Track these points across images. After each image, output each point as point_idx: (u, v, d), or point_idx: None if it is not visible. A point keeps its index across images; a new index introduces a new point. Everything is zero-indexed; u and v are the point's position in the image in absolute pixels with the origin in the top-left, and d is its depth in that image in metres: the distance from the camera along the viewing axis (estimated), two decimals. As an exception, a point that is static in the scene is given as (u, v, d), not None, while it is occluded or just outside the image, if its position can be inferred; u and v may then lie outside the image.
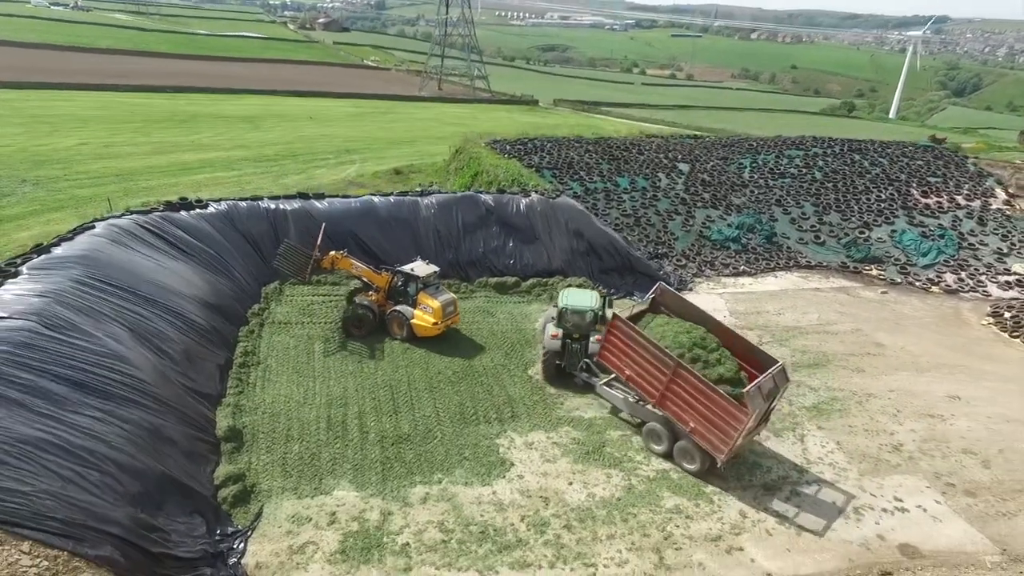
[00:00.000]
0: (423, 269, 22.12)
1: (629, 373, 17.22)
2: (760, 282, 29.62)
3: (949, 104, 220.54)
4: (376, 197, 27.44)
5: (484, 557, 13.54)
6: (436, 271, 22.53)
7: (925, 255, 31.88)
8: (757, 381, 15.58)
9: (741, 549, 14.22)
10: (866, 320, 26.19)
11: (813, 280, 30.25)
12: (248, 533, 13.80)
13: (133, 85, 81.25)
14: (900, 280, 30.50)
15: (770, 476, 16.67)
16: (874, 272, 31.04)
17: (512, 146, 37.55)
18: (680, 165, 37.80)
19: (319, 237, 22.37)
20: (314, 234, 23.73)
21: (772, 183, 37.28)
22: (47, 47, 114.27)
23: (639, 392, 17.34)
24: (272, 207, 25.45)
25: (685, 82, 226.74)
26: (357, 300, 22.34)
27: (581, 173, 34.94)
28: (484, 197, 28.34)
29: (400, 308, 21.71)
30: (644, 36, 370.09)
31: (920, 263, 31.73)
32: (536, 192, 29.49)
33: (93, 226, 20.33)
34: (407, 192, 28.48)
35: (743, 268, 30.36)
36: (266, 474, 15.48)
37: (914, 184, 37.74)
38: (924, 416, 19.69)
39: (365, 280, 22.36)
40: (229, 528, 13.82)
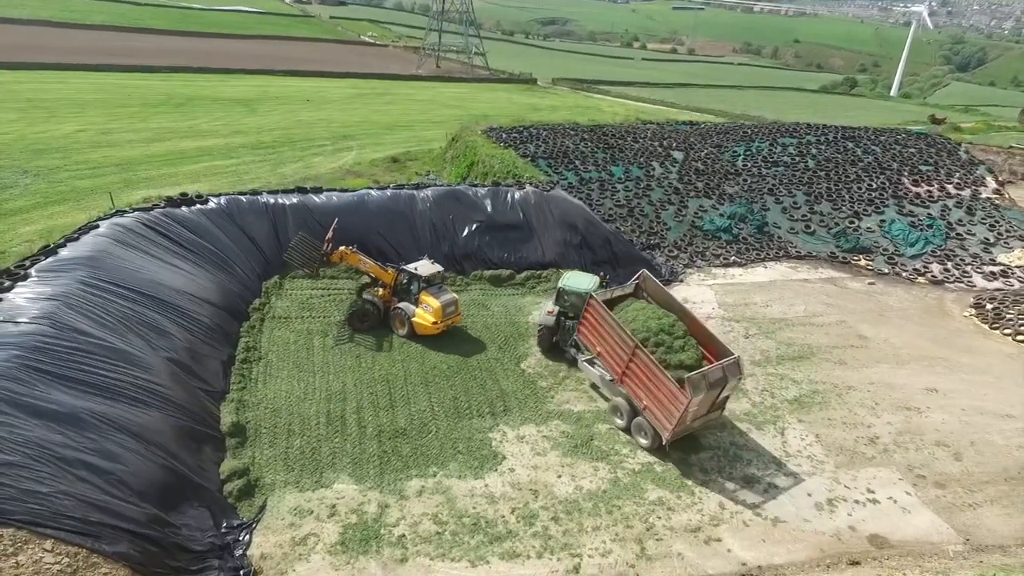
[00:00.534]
0: (427, 268, 22.58)
1: (599, 350, 18.90)
2: (750, 273, 30.20)
3: (953, 79, 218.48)
4: (373, 191, 27.91)
5: (476, 548, 14.36)
6: (440, 271, 23.01)
7: (913, 245, 32.43)
8: (702, 369, 16.80)
9: (719, 540, 15.04)
10: (851, 312, 26.85)
11: (802, 271, 30.85)
12: (253, 526, 14.55)
13: (129, 65, 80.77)
14: (887, 270, 31.09)
15: (750, 469, 17.47)
16: (862, 262, 31.61)
17: (508, 134, 37.81)
18: (675, 153, 38.11)
19: (329, 231, 22.85)
20: (312, 227, 24.45)
21: (765, 171, 37.65)
22: (40, 23, 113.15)
23: (608, 368, 18.78)
24: (271, 202, 25.93)
25: (686, 57, 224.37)
26: (365, 295, 22.97)
27: (576, 162, 35.29)
28: (479, 190, 28.78)
29: (402, 305, 22.28)
30: (645, 8, 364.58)
31: (908, 253, 32.28)
32: (530, 184, 29.93)
33: (97, 225, 20.83)
34: (403, 185, 28.88)
35: (733, 259, 30.92)
36: (269, 468, 16.21)
37: (906, 172, 38.11)
38: (901, 409, 20.46)
39: (372, 276, 22.92)
40: (235, 521, 14.56)
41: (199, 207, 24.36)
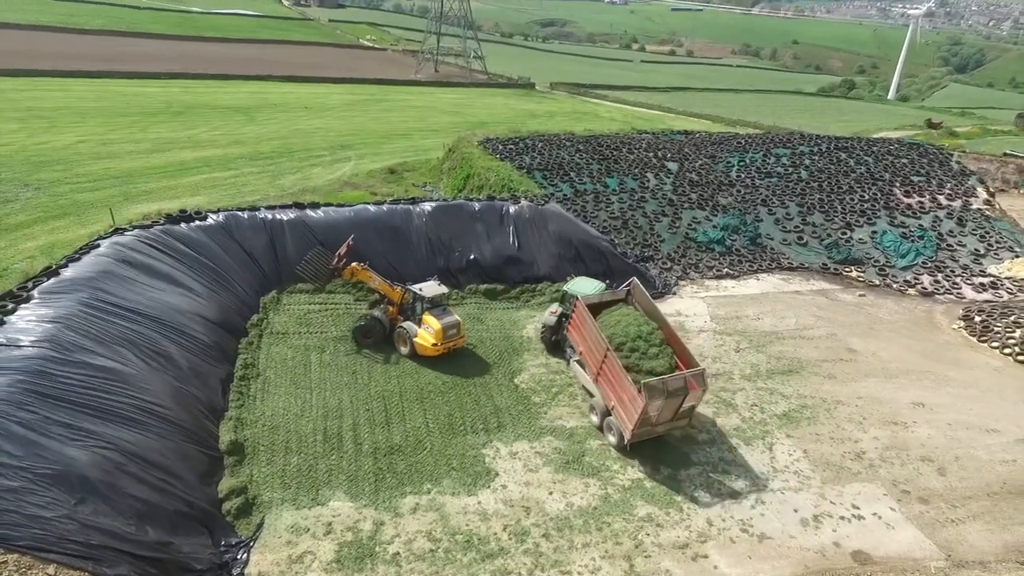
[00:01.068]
0: (431, 290, 22.52)
1: (582, 349, 20.32)
2: (742, 285, 30.56)
3: (950, 81, 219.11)
4: (370, 206, 28.27)
5: (468, 565, 14.72)
6: (445, 292, 22.96)
7: (904, 256, 32.80)
8: (663, 376, 17.69)
9: (706, 556, 15.40)
10: (842, 324, 27.22)
11: (794, 283, 31.22)
12: (250, 544, 14.92)
13: (128, 72, 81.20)
14: (878, 282, 31.45)
15: (738, 484, 17.84)
16: (854, 274, 31.98)
17: (504, 145, 38.22)
18: (669, 164, 38.50)
19: (344, 247, 23.12)
20: (310, 242, 24.90)
21: (759, 182, 38.03)
22: (39, 28, 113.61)
23: (587, 368, 19.94)
24: (269, 217, 26.30)
25: (685, 59, 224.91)
26: (374, 311, 23.17)
27: (571, 174, 35.67)
28: (475, 205, 29.17)
29: (406, 325, 22.41)
30: (644, 9, 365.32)
31: (899, 264, 32.65)
32: (525, 198, 30.31)
33: (98, 245, 21.19)
34: (400, 199, 29.24)
35: (726, 270, 31.29)
36: (266, 486, 16.55)
37: (897, 183, 38.49)
38: (888, 424, 20.83)
39: (381, 293, 23.12)
40: (233, 539, 14.91)
41: (198, 224, 24.73)
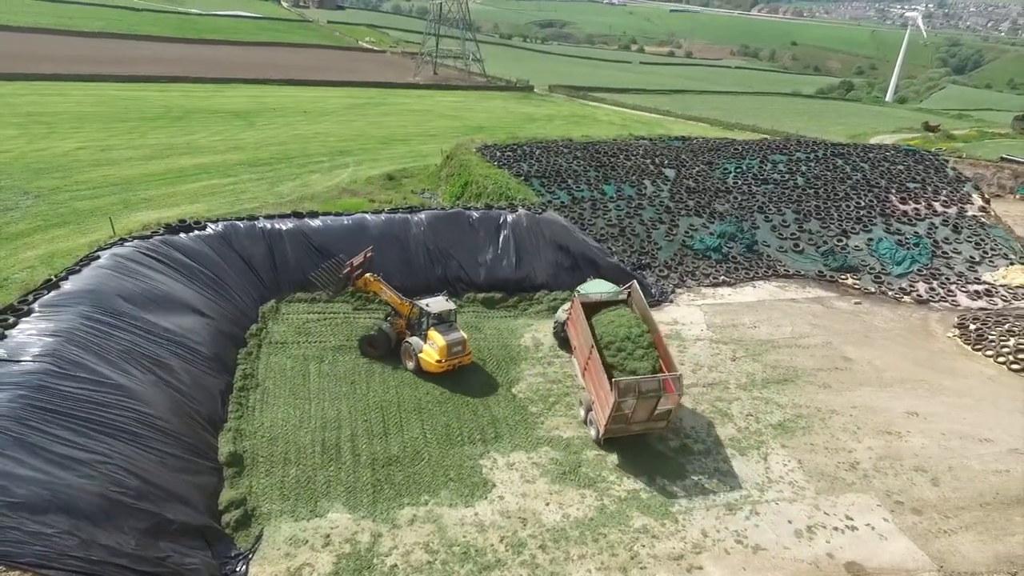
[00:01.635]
0: (438, 306, 22.21)
1: (575, 345, 21.31)
2: (739, 292, 30.74)
3: (949, 83, 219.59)
4: (368, 215, 28.40)
5: (465, 578, 14.89)
6: (452, 308, 22.64)
7: (899, 264, 32.97)
8: (636, 377, 18.29)
9: (700, 568, 15.55)
10: (837, 333, 27.38)
11: (790, 290, 31.38)
12: (249, 556, 15.06)
13: (126, 75, 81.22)
14: (874, 290, 31.62)
15: (732, 495, 18.00)
16: (850, 281, 32.16)
17: (502, 152, 38.35)
18: (666, 171, 38.65)
19: (360, 256, 23.09)
20: (308, 251, 25.16)
21: (755, 189, 38.19)
22: (37, 31, 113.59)
23: (578, 363, 20.90)
24: (268, 227, 26.42)
25: (683, 60, 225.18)
26: (383, 323, 23.13)
27: (568, 181, 35.82)
28: (472, 213, 29.31)
29: (412, 340, 22.22)
30: (643, 10, 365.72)
31: (894, 272, 32.83)
32: (523, 207, 30.45)
33: (98, 256, 21.30)
34: (398, 208, 29.38)
35: (723, 278, 31.46)
36: (265, 497, 16.68)
37: (893, 190, 38.68)
38: (882, 433, 20.99)
39: (391, 306, 23.06)
40: (232, 551, 15.05)
41: (197, 233, 24.85)
